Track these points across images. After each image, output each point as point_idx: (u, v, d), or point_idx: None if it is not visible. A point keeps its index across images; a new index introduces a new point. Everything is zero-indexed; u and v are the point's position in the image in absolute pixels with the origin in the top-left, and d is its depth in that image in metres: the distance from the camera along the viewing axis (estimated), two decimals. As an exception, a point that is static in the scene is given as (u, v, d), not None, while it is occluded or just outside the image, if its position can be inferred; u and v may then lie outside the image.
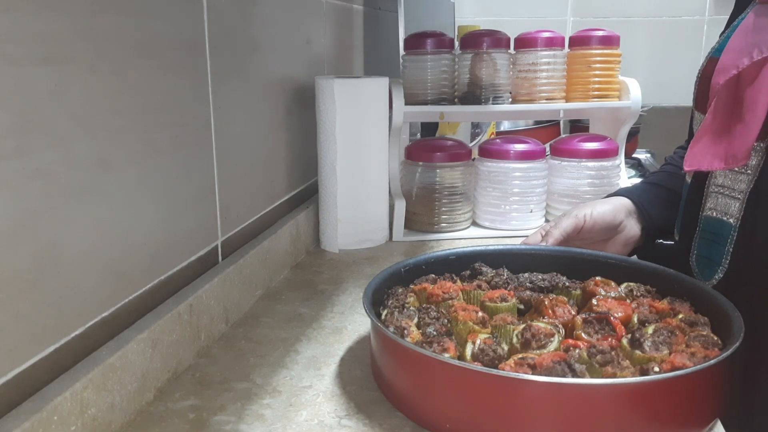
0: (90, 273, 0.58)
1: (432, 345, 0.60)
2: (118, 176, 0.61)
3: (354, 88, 1.03)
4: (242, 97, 0.88)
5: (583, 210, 0.90)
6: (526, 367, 0.56)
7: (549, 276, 0.76)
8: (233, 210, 0.86)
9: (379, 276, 0.73)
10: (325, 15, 1.22)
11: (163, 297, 0.69)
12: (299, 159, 1.10)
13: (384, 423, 0.59)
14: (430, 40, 1.16)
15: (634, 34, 2.11)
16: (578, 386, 0.52)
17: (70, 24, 0.54)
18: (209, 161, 0.79)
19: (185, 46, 0.73)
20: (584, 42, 1.20)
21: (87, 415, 0.53)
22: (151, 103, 0.66)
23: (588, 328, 0.63)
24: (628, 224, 0.92)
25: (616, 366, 0.56)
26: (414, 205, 1.15)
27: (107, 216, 0.60)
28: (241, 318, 0.82)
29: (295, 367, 0.70)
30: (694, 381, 0.54)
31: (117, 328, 0.62)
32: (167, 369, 0.66)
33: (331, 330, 0.79)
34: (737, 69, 0.69)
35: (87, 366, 0.55)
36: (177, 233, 0.73)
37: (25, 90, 0.50)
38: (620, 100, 1.21)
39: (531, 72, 1.18)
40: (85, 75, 0.56)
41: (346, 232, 1.07)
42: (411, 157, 1.16)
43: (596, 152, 1.17)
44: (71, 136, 0.55)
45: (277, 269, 0.95)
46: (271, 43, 0.97)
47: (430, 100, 1.17)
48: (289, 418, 0.60)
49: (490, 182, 1.16)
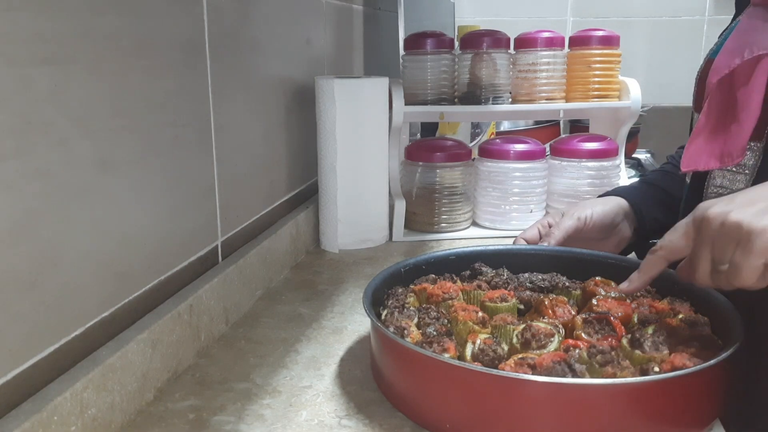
0: (90, 273, 0.58)
1: (432, 345, 0.60)
2: (118, 176, 0.61)
3: (354, 88, 1.03)
4: (242, 97, 0.88)
5: (583, 211, 0.90)
6: (526, 367, 0.56)
7: (549, 276, 0.76)
8: (233, 210, 0.86)
9: (379, 276, 0.73)
10: (325, 15, 1.22)
11: (163, 297, 0.69)
12: (299, 159, 1.10)
13: (384, 423, 0.59)
14: (430, 40, 1.16)
15: (634, 34, 2.11)
16: (578, 386, 0.52)
17: (70, 24, 0.54)
18: (209, 161, 0.79)
19: (185, 46, 0.73)
20: (584, 42, 1.20)
21: (87, 415, 0.53)
22: (151, 103, 0.66)
23: (588, 328, 0.63)
24: (622, 226, 0.92)
25: (616, 366, 0.56)
26: (414, 205, 1.15)
27: (107, 216, 0.60)
28: (241, 318, 0.82)
29: (295, 367, 0.70)
30: (694, 381, 0.54)
31: (117, 328, 0.62)
32: (167, 369, 0.66)
33: (331, 330, 0.79)
34: (729, 68, 0.70)
35: (87, 366, 0.55)
36: (177, 233, 0.73)
37: (25, 90, 0.50)
38: (620, 100, 1.21)
39: (531, 72, 1.18)
40: (85, 75, 0.56)
41: (346, 232, 1.07)
42: (411, 157, 1.16)
43: (596, 152, 1.17)
44: (71, 136, 0.55)
45: (277, 269, 0.95)
46: (271, 43, 0.97)
47: (430, 100, 1.17)
48: (289, 418, 0.60)
49: (490, 182, 1.16)
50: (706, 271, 0.58)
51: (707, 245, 0.58)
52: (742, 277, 0.55)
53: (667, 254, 0.63)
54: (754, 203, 0.56)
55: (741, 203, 0.57)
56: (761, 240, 0.54)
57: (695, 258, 0.59)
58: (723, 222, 0.56)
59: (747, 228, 0.54)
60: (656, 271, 0.64)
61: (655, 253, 0.64)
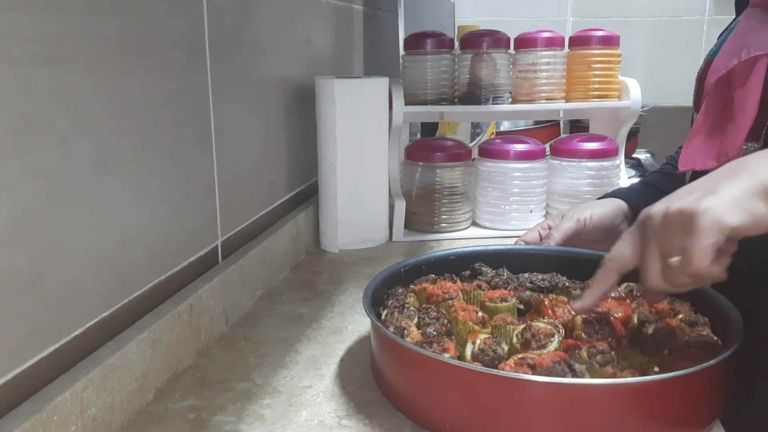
0: (90, 273, 0.58)
1: (432, 345, 0.60)
2: (118, 176, 0.61)
3: (354, 88, 1.03)
4: (242, 97, 0.88)
5: (582, 213, 0.90)
6: (526, 367, 0.56)
7: (549, 276, 0.76)
8: (233, 210, 0.86)
9: (379, 276, 0.73)
10: (325, 15, 1.22)
11: (163, 297, 0.69)
12: (299, 159, 1.10)
13: (384, 423, 0.59)
14: (430, 40, 1.16)
15: (634, 34, 2.11)
16: (578, 386, 0.52)
17: (70, 24, 0.54)
18: (209, 161, 0.79)
19: (185, 46, 0.73)
20: (584, 42, 1.20)
21: (87, 415, 0.53)
22: (151, 103, 0.66)
23: (588, 328, 0.63)
24: (623, 228, 0.92)
25: (616, 366, 0.56)
26: (414, 205, 1.15)
27: (107, 216, 0.60)
28: (241, 318, 0.82)
29: (295, 367, 0.70)
30: (694, 381, 0.54)
31: (117, 328, 0.62)
32: (167, 369, 0.66)
33: (331, 330, 0.79)
34: (726, 69, 0.70)
35: (87, 366, 0.55)
36: (177, 233, 0.73)
37: (25, 90, 0.50)
38: (620, 100, 1.21)
39: (531, 72, 1.18)
40: (85, 75, 0.56)
41: (346, 232, 1.07)
42: (411, 157, 1.16)
43: (596, 152, 1.17)
44: (71, 136, 0.55)
45: (277, 269, 0.95)
46: (271, 43, 0.97)
47: (430, 100, 1.17)
48: (289, 418, 0.60)
49: (490, 182, 1.16)
50: (656, 271, 0.56)
51: (653, 242, 0.56)
52: (695, 262, 0.53)
53: (616, 266, 0.61)
54: (691, 192, 0.55)
55: (679, 195, 0.56)
56: (705, 219, 0.52)
57: (643, 261, 0.58)
58: (665, 214, 0.55)
59: (689, 211, 0.53)
60: (608, 285, 0.62)
61: (604, 267, 0.62)
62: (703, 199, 0.53)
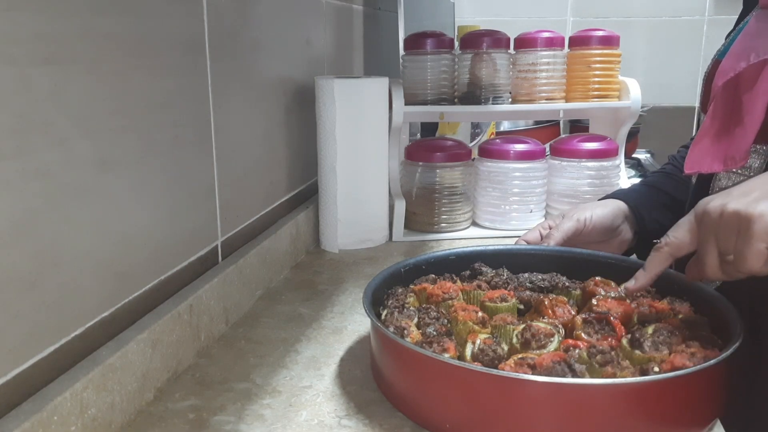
0: (90, 273, 0.58)
1: (432, 345, 0.60)
2: (118, 176, 0.61)
3: (354, 88, 1.03)
4: (242, 97, 0.88)
5: (583, 213, 0.90)
6: (526, 367, 0.56)
7: (549, 276, 0.76)
8: (233, 210, 0.86)
9: (379, 276, 0.73)
10: (325, 15, 1.22)
11: (163, 297, 0.69)
12: (299, 159, 1.10)
13: (384, 423, 0.59)
14: (430, 40, 1.16)
15: (634, 34, 2.11)
16: (578, 386, 0.52)
17: (70, 24, 0.54)
18: (209, 161, 0.79)
19: (185, 46, 0.73)
20: (584, 42, 1.20)
21: (87, 415, 0.53)
22: (151, 103, 0.66)
23: (588, 328, 0.63)
24: (623, 229, 0.92)
25: (616, 366, 0.56)
26: (414, 205, 1.15)
27: (107, 216, 0.60)
28: (241, 318, 0.82)
29: (295, 367, 0.70)
30: (694, 381, 0.54)
31: (117, 328, 0.62)
32: (167, 369, 0.66)
33: (331, 330, 0.79)
34: (734, 72, 0.70)
35: (87, 366, 0.55)
36: (177, 233, 0.73)
37: (25, 90, 0.50)
38: (620, 100, 1.21)
39: (531, 72, 1.18)
40: (85, 75, 0.56)
41: (346, 232, 1.07)
42: (411, 157, 1.16)
43: (596, 152, 1.17)
44: (71, 136, 0.55)
45: (277, 269, 0.95)
46: (271, 43, 0.97)
47: (430, 100, 1.17)
48: (289, 418, 0.60)
49: (490, 182, 1.16)
50: (715, 264, 0.60)
51: (711, 238, 0.59)
52: (748, 263, 0.56)
53: (672, 250, 0.64)
54: (749, 193, 0.58)
55: (737, 194, 0.59)
56: (759, 224, 0.55)
57: (702, 253, 0.61)
58: (722, 213, 0.58)
59: (745, 215, 0.56)
60: (661, 267, 0.65)
61: (660, 250, 0.64)
62: (759, 203, 0.56)
